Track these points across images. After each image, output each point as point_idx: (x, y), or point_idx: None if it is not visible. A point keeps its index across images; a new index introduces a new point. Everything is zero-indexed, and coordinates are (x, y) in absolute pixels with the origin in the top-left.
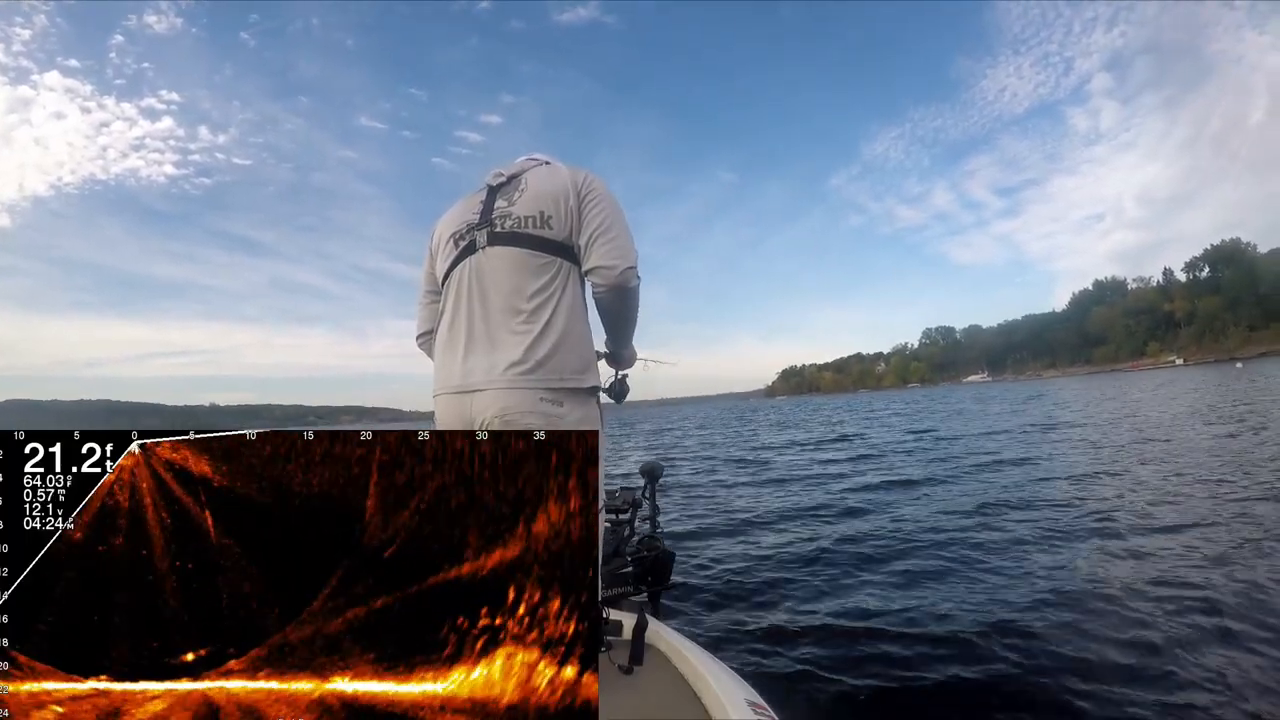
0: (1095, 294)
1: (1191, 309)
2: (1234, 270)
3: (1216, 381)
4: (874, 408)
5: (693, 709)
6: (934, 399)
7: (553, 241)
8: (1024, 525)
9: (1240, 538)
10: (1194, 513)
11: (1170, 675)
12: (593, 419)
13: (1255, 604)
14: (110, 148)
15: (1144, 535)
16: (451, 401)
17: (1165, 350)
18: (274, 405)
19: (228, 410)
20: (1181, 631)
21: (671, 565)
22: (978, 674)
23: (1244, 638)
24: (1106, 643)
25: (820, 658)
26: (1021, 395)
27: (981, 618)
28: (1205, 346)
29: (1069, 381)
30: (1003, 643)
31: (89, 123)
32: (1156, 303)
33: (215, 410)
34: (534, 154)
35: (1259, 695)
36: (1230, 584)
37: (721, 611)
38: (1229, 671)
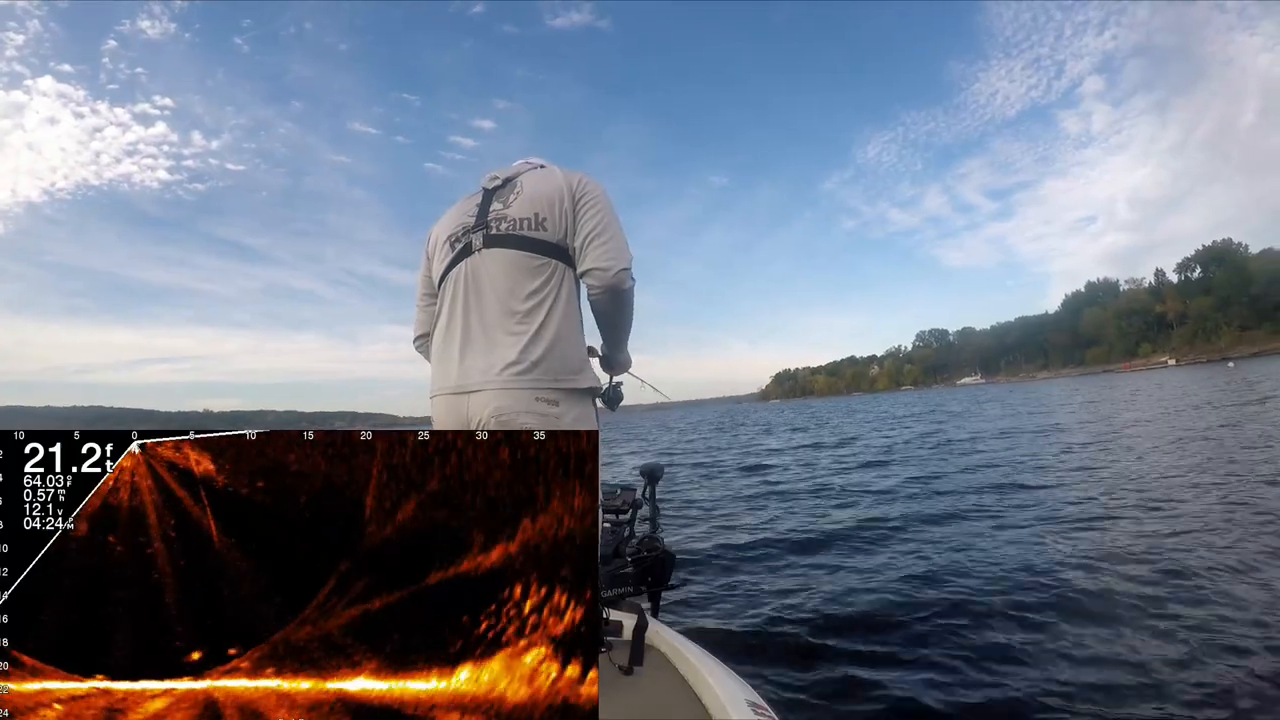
0: (1087, 295)
1: (1183, 310)
2: (1226, 271)
3: (1210, 379)
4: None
5: (693, 709)
6: (929, 401)
7: (548, 244)
8: (1012, 508)
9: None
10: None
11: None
12: (589, 419)
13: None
14: (103, 153)
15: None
16: (448, 402)
17: (1158, 351)
18: (267, 411)
19: (220, 416)
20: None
21: (672, 565)
22: (979, 674)
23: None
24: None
25: (820, 658)
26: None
27: (989, 617)
28: (1197, 347)
29: (1068, 382)
30: (1013, 642)
31: (82, 128)
32: (1148, 304)
33: (208, 416)
34: (530, 157)
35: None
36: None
37: (721, 611)
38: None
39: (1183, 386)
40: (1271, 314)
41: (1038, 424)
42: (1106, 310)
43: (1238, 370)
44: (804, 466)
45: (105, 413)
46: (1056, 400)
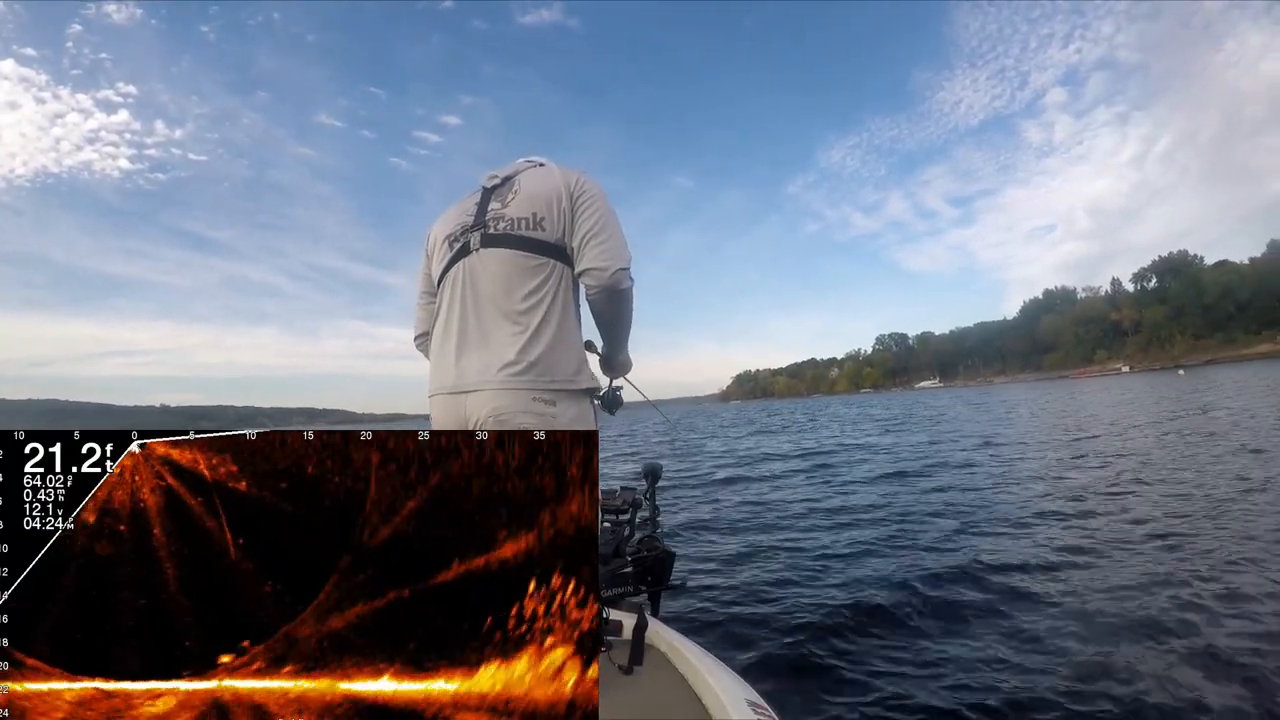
0: (1045, 303)
1: (1139, 318)
2: (1181, 281)
3: (1152, 389)
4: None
5: (693, 709)
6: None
7: (546, 243)
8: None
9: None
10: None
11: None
12: (586, 419)
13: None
14: (64, 140)
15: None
16: (446, 402)
17: (1113, 358)
18: (225, 407)
19: (177, 411)
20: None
21: (671, 565)
22: (980, 674)
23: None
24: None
25: (820, 658)
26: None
27: (990, 616)
28: (1152, 354)
29: (1022, 388)
30: (1012, 645)
31: (43, 114)
32: (1105, 312)
33: (165, 411)
34: (530, 156)
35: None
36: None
37: (721, 611)
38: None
39: (1135, 394)
40: (1224, 323)
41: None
42: (1064, 317)
43: (1187, 378)
44: (807, 470)
45: (61, 406)
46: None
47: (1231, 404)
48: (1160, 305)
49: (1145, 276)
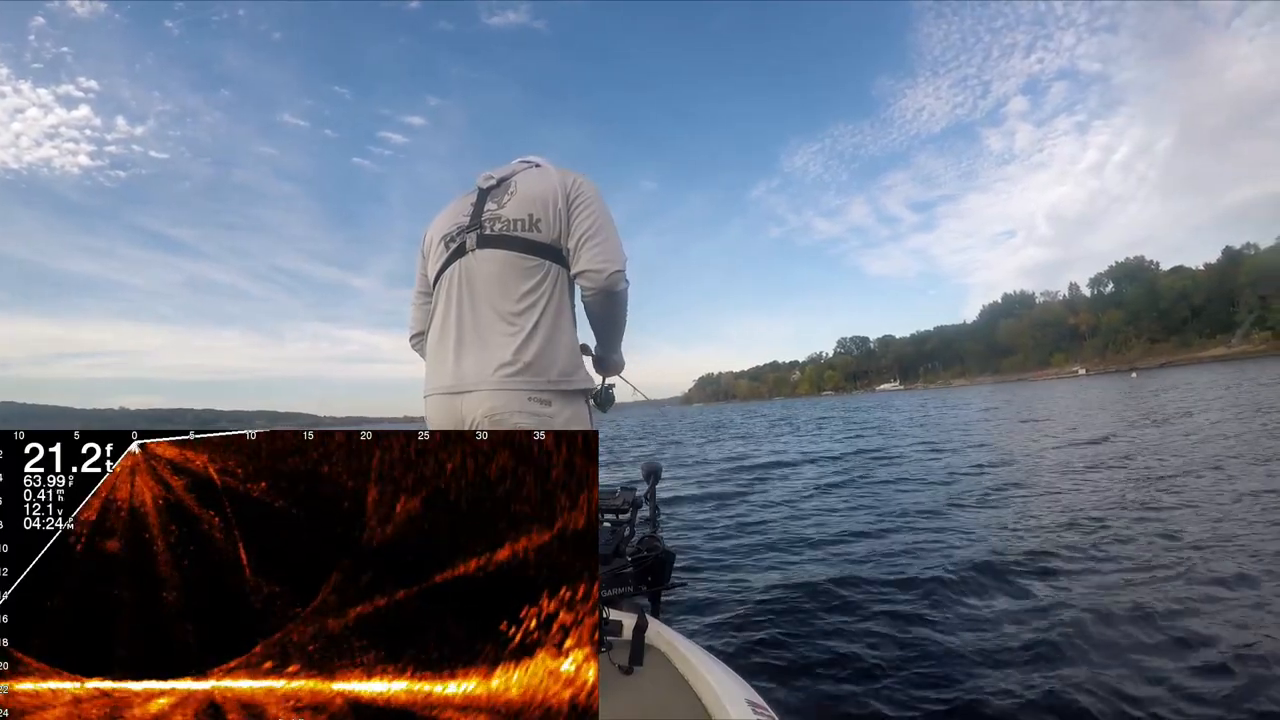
0: (1004, 307)
1: (1095, 322)
2: (1137, 286)
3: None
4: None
5: (693, 709)
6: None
7: (541, 244)
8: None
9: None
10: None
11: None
12: (582, 419)
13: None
14: (24, 135)
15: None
16: (442, 402)
17: (1070, 361)
18: (186, 410)
19: (138, 414)
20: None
21: (671, 565)
22: (981, 675)
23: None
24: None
25: (820, 657)
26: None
27: (992, 616)
28: (1108, 358)
29: (981, 389)
30: (1013, 644)
31: (3, 108)
32: (1062, 316)
33: (125, 414)
34: (527, 156)
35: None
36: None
37: (721, 611)
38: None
39: (1084, 397)
40: (1179, 327)
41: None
42: (1022, 321)
43: (1139, 380)
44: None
45: (18, 409)
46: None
47: (1172, 399)
48: (1117, 310)
49: (1102, 282)
